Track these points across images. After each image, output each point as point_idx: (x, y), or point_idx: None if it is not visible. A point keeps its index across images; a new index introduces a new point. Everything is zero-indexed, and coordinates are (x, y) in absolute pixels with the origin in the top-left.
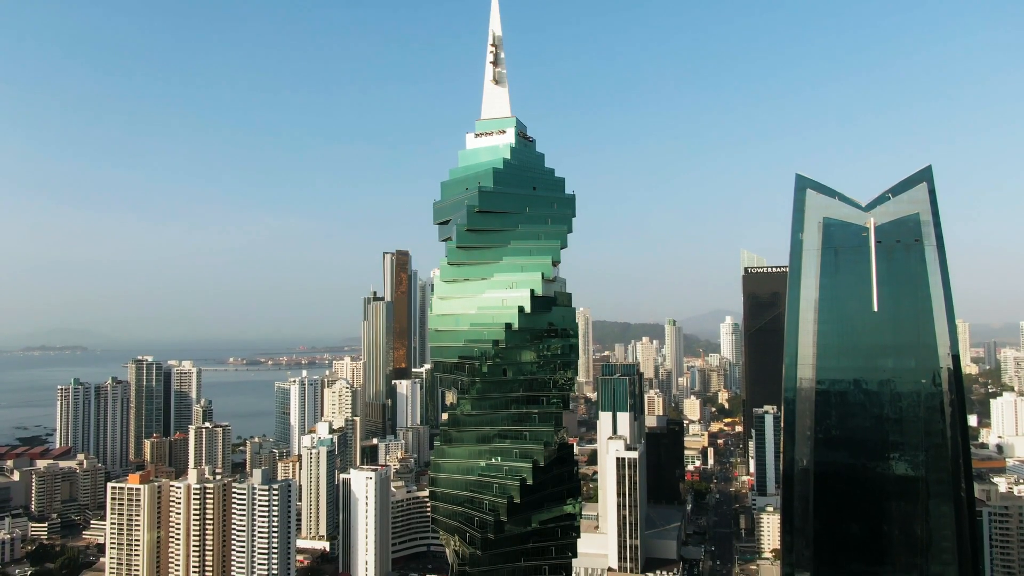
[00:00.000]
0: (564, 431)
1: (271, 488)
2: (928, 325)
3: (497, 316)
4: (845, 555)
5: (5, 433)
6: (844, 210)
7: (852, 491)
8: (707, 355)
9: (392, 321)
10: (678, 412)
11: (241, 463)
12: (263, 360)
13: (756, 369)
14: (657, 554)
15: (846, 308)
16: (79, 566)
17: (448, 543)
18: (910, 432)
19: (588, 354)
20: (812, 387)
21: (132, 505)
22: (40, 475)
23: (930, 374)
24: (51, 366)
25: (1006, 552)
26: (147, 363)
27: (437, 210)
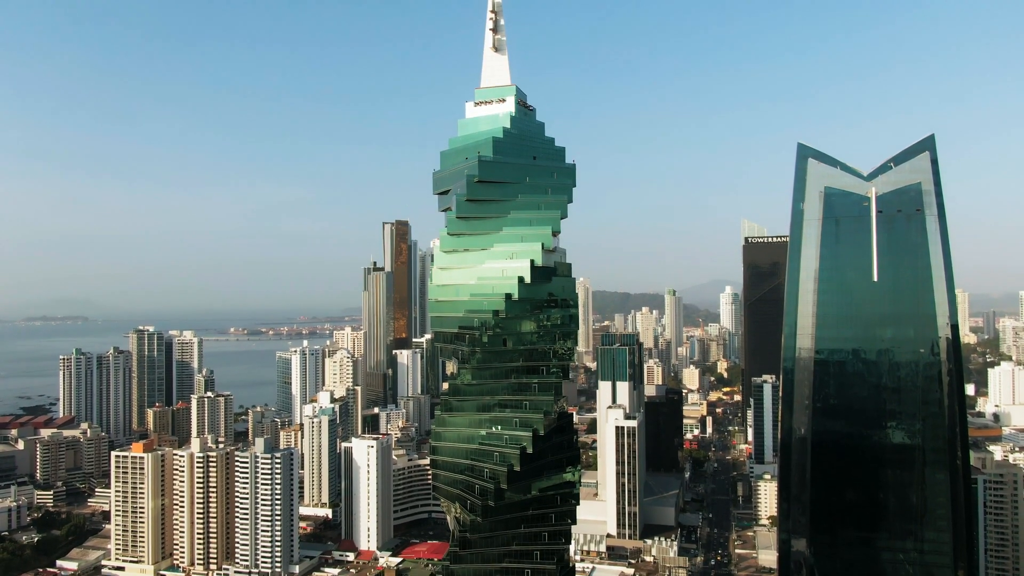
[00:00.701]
0: (563, 400)
1: (273, 456)
2: (927, 295)
3: (497, 286)
4: (841, 522)
5: (8, 402)
6: (845, 179)
7: (849, 459)
8: (706, 325)
9: (392, 291)
10: (677, 381)
11: (243, 432)
12: (264, 330)
13: (755, 339)
14: (655, 521)
15: (846, 278)
16: (85, 533)
17: (449, 510)
18: (908, 401)
19: (588, 324)
20: (811, 357)
21: (136, 473)
22: (44, 444)
23: (929, 344)
24: (52, 336)
25: (1000, 518)
26: (148, 333)
27: (437, 180)
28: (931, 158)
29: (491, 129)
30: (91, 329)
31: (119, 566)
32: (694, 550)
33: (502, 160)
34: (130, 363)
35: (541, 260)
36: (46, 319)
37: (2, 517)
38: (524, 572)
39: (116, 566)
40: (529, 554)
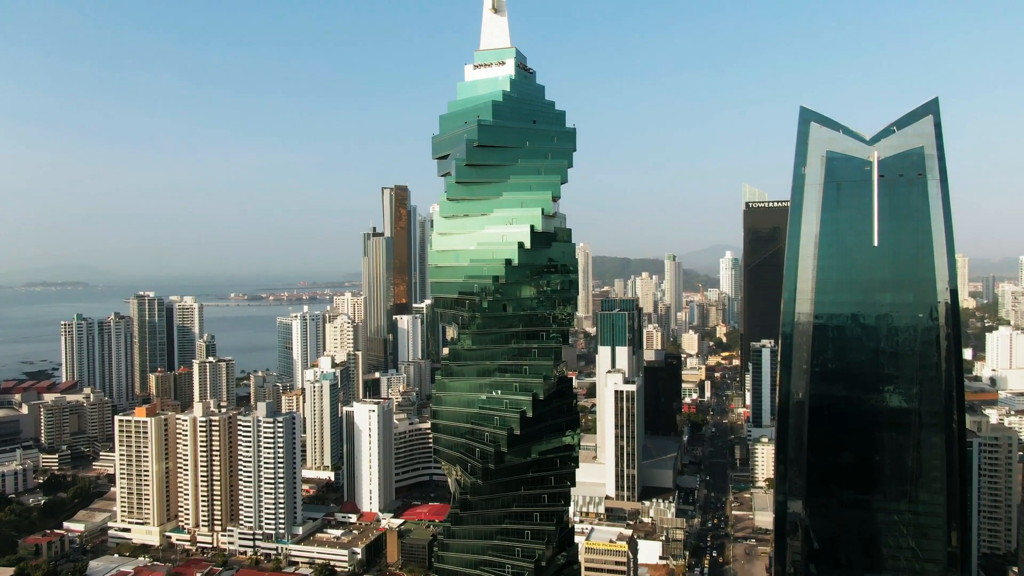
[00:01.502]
0: (563, 365)
1: (276, 420)
2: (927, 260)
3: (497, 252)
4: (837, 484)
5: (11, 368)
6: (848, 143)
7: (846, 423)
8: (706, 290)
9: (392, 257)
10: (676, 346)
11: (245, 396)
12: (264, 296)
13: (755, 304)
14: (654, 483)
15: (846, 243)
16: (90, 495)
17: (450, 473)
18: (905, 365)
19: (588, 289)
20: (810, 321)
21: (140, 437)
22: (48, 408)
23: (927, 308)
24: (53, 302)
25: (994, 480)
26: (149, 299)
27: (436, 144)
28: (934, 122)
29: (490, 93)
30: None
31: (125, 527)
32: (692, 511)
33: (502, 124)
34: (131, 328)
35: (541, 225)
36: (46, 285)
37: (9, 480)
38: (524, 533)
39: (122, 527)
40: (529, 515)
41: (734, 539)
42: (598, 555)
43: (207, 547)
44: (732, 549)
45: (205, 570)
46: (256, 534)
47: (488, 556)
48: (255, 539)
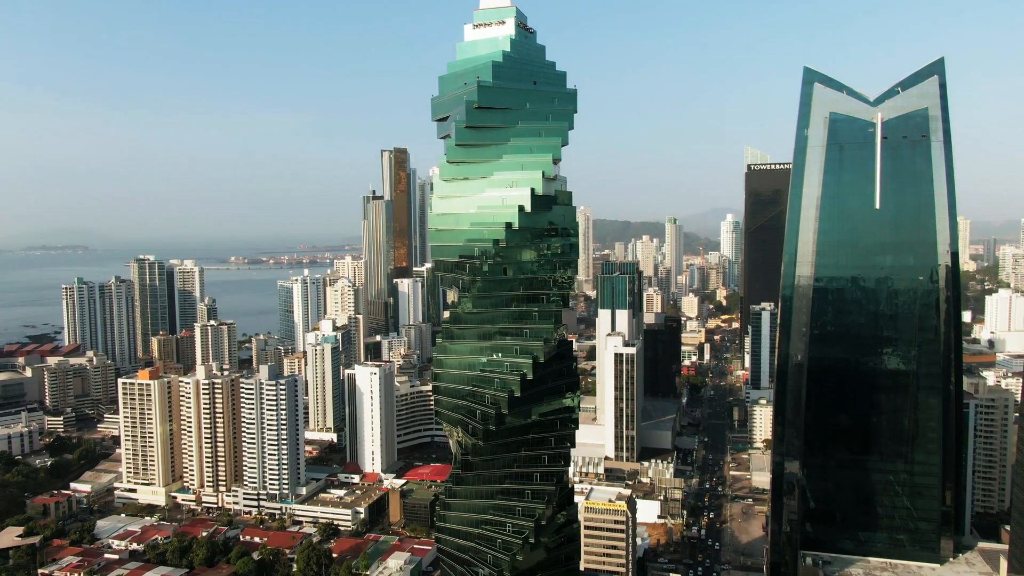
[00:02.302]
0: (564, 328)
1: (278, 383)
2: (929, 222)
3: (497, 215)
4: (834, 445)
5: (14, 331)
6: (852, 105)
7: (844, 385)
8: (707, 253)
9: (392, 220)
10: (676, 309)
11: (247, 359)
12: (264, 259)
13: (755, 267)
14: (652, 444)
15: (848, 205)
16: (96, 457)
17: (451, 434)
18: (904, 328)
19: (588, 252)
20: (810, 284)
21: (143, 400)
22: (52, 371)
23: (928, 271)
24: (53, 266)
25: (989, 441)
26: (149, 262)
27: (435, 106)
28: (939, 82)
29: (490, 53)
30: (91, 258)
31: (131, 488)
32: (690, 472)
33: (502, 85)
34: (132, 292)
35: (542, 188)
36: (46, 249)
37: (15, 442)
38: (524, 493)
39: (128, 488)
40: (529, 476)
41: (731, 499)
42: (597, 514)
43: (212, 507)
44: (729, 508)
45: (211, 529)
46: (260, 494)
47: (489, 515)
48: (259, 499)
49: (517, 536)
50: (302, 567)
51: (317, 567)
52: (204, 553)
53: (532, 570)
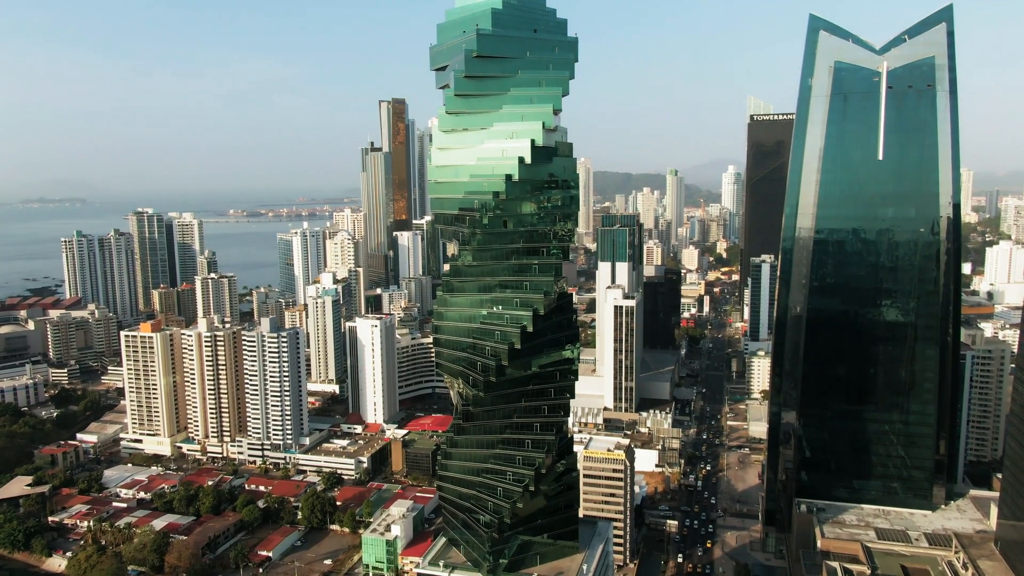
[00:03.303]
0: (563, 281)
1: (280, 336)
2: (932, 174)
3: (497, 167)
4: (831, 395)
5: (14, 284)
6: (857, 53)
7: (842, 336)
8: (707, 205)
9: (391, 172)
10: (676, 262)
11: (248, 312)
12: (263, 211)
13: (756, 219)
14: (651, 395)
15: (851, 156)
16: (101, 408)
17: (452, 386)
18: (904, 280)
19: (588, 205)
20: (810, 236)
21: (146, 352)
22: (54, 324)
23: (929, 223)
24: (51, 218)
25: (984, 392)
26: (148, 215)
27: (434, 55)
28: (947, 30)
29: (489, 0)
30: (89, 211)
31: (137, 439)
32: (688, 422)
33: (501, 33)
34: (132, 245)
35: (542, 140)
36: (43, 201)
37: (20, 394)
38: (524, 443)
39: (134, 439)
40: (529, 426)
41: (728, 448)
42: (596, 463)
43: (217, 457)
44: (726, 457)
45: (216, 478)
46: (264, 444)
47: (490, 464)
48: (263, 449)
49: (517, 484)
50: (307, 514)
51: (321, 514)
52: (210, 501)
53: (532, 517)
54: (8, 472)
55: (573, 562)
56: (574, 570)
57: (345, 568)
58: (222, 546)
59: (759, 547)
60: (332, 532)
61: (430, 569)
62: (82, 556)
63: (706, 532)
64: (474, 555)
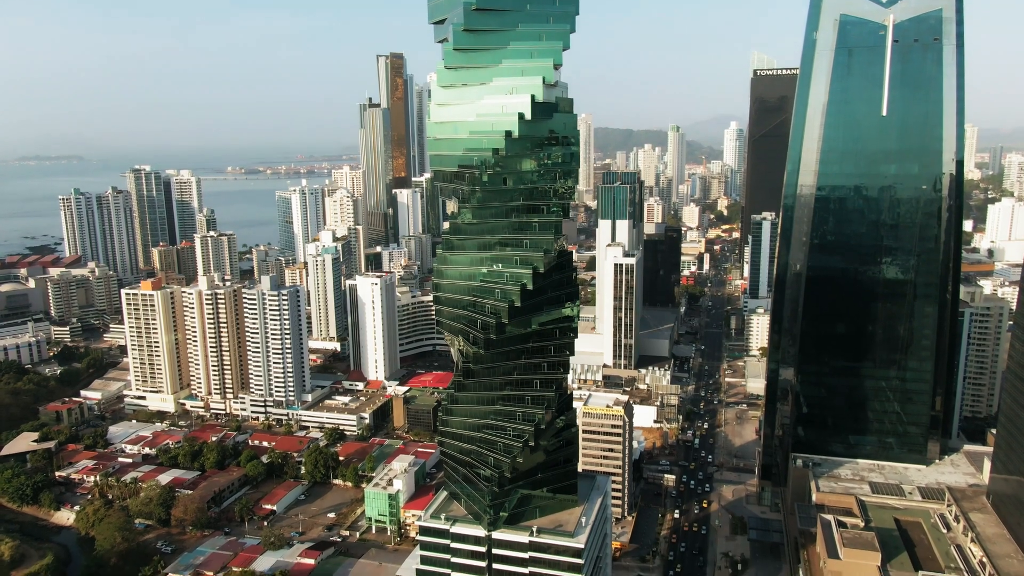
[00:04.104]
0: (564, 239)
1: (280, 294)
2: (936, 130)
3: (497, 123)
4: (829, 352)
5: (14, 242)
6: (863, 6)
7: (841, 293)
8: (709, 162)
9: (389, 129)
10: (677, 219)
11: (248, 270)
12: (261, 169)
13: (757, 176)
14: (650, 352)
15: (854, 112)
16: (104, 366)
17: (453, 343)
18: (905, 238)
19: (589, 162)
20: (812, 193)
21: (147, 310)
22: (55, 282)
23: (932, 180)
24: (48, 176)
25: (981, 349)
26: (145, 173)
27: (432, 8)
28: None
29: None
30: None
31: (140, 395)
32: (686, 379)
33: None
34: (130, 203)
35: (542, 95)
36: (40, 159)
37: (24, 351)
38: (524, 399)
39: (137, 396)
40: (529, 383)
41: (726, 404)
42: (595, 419)
43: (220, 413)
44: (724, 413)
45: (220, 434)
46: (267, 401)
47: (490, 420)
48: (266, 406)
49: (517, 439)
50: (310, 469)
51: (324, 469)
52: (215, 457)
53: (532, 471)
54: (14, 428)
55: (572, 515)
56: (573, 522)
57: (348, 521)
58: (227, 500)
59: (755, 500)
60: (335, 486)
61: (432, 522)
62: (90, 509)
63: (703, 487)
64: (475, 508)
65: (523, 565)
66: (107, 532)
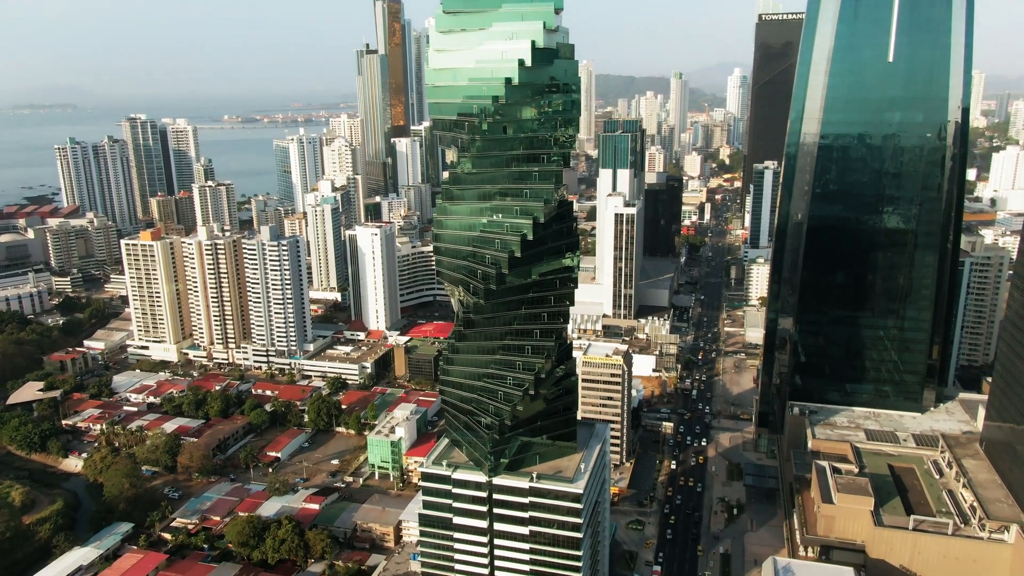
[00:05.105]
0: (564, 188)
1: (280, 244)
2: (943, 76)
3: (496, 70)
4: (828, 302)
5: (11, 192)
6: None
7: (842, 243)
8: (712, 110)
9: (387, 76)
10: (678, 168)
11: (247, 221)
12: (258, 117)
13: (760, 124)
14: (650, 302)
15: (860, 58)
16: (106, 316)
17: (453, 293)
18: (907, 187)
19: (590, 110)
20: (815, 142)
21: (148, 261)
22: (54, 233)
23: (936, 128)
24: (43, 125)
25: (980, 298)
26: (141, 121)
27: None
28: None
29: None
30: (81, 117)
31: (143, 345)
32: (685, 328)
33: None
34: (126, 152)
35: (543, 41)
36: (34, 107)
37: (26, 301)
38: (524, 349)
39: (140, 345)
40: (529, 332)
41: (725, 353)
42: (595, 368)
43: (223, 363)
44: (722, 363)
45: (224, 383)
46: (269, 351)
47: (491, 369)
48: (268, 355)
49: (518, 388)
50: (313, 417)
51: (327, 417)
52: (219, 405)
53: (532, 419)
54: (19, 378)
55: (571, 461)
56: (572, 469)
57: (352, 467)
58: (232, 448)
59: (751, 447)
60: (338, 434)
61: (434, 468)
62: (97, 457)
63: (700, 434)
64: (476, 455)
65: (523, 510)
66: (115, 479)
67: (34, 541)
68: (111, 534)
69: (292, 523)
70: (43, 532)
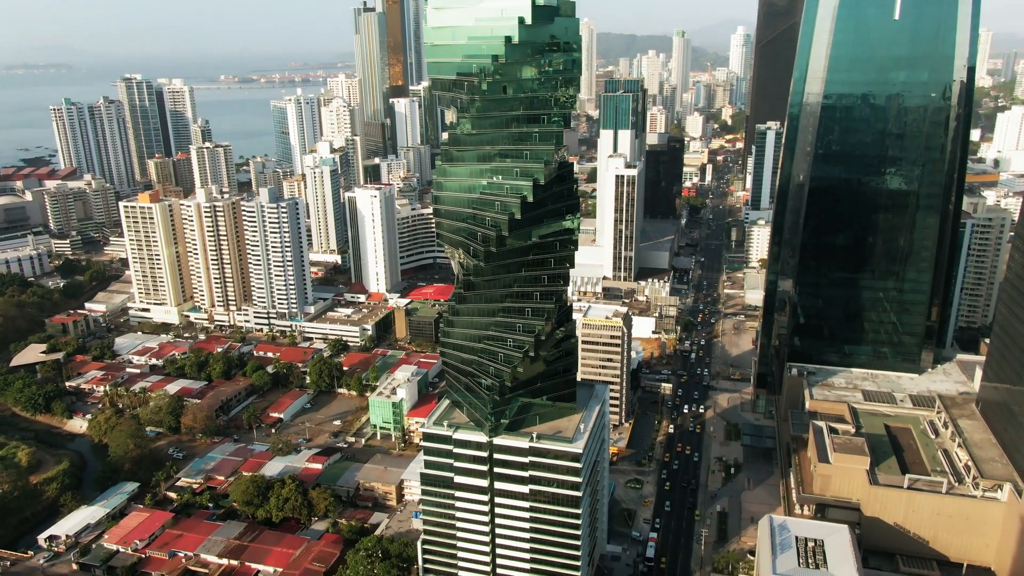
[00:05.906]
0: (565, 149)
1: (279, 206)
2: (949, 34)
3: (496, 28)
4: (828, 264)
5: (8, 154)
6: None
7: (843, 204)
8: (714, 69)
9: (385, 34)
10: (680, 129)
11: (246, 182)
12: (255, 77)
13: (764, 83)
14: (650, 264)
15: (866, 16)
16: (107, 278)
17: (453, 256)
18: (910, 147)
19: (591, 69)
20: (819, 102)
21: (147, 223)
22: (52, 195)
23: (941, 88)
24: (37, 85)
25: (980, 260)
26: (137, 82)
27: None
28: None
29: None
30: (76, 78)
31: (144, 308)
32: (685, 290)
33: None
34: (123, 113)
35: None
36: (28, 68)
37: (26, 264)
38: (524, 311)
39: (142, 308)
40: (529, 295)
41: (724, 315)
42: (595, 330)
43: (224, 325)
44: (721, 324)
45: (225, 345)
46: (270, 313)
47: (491, 331)
48: (269, 318)
49: (518, 350)
50: (315, 379)
51: (329, 379)
52: (221, 367)
53: (532, 380)
54: (22, 340)
55: (571, 422)
56: (572, 429)
57: (354, 428)
58: (235, 409)
59: (749, 408)
60: (340, 395)
61: (435, 428)
62: (101, 418)
63: (699, 396)
64: (476, 416)
65: (523, 469)
66: (120, 439)
67: (42, 500)
68: (117, 493)
69: (295, 482)
70: (50, 491)
